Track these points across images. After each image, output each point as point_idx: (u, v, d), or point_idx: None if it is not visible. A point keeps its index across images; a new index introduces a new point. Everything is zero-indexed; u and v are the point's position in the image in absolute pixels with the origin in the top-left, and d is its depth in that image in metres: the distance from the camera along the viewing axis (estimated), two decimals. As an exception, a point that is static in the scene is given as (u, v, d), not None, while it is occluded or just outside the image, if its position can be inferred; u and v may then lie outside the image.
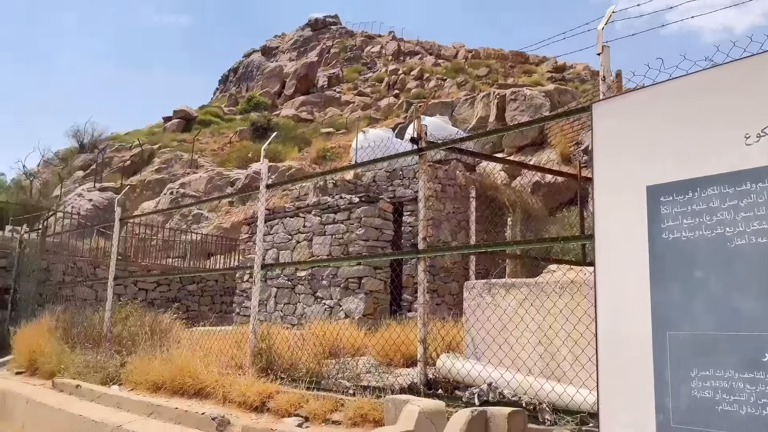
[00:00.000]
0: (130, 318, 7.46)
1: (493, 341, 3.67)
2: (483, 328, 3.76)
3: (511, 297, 3.75)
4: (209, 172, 25.98)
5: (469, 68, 43.36)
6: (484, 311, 3.83)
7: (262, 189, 6.05)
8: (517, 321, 3.61)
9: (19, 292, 9.87)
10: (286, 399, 4.68)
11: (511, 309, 3.67)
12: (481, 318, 3.84)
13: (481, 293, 4.07)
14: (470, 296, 4.22)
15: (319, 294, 10.20)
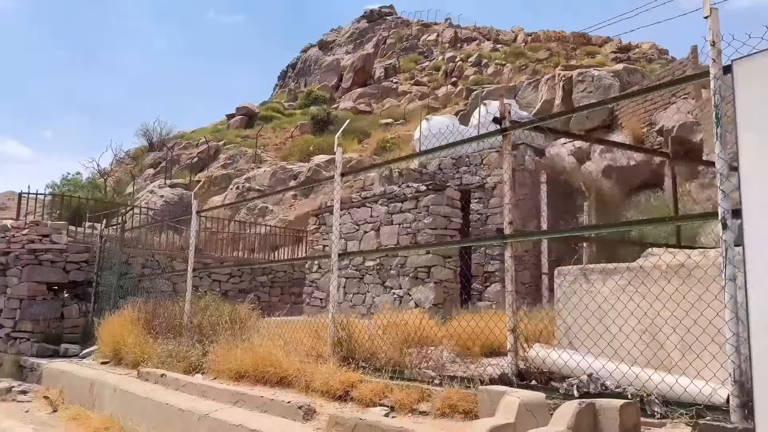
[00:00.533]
0: (210, 308, 7.61)
1: (593, 330, 3.44)
2: (581, 317, 3.54)
3: (612, 282, 3.51)
4: (273, 166, 26.40)
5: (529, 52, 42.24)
6: (582, 298, 3.61)
7: (337, 177, 5.97)
8: (620, 308, 3.37)
9: (101, 285, 10.28)
10: (370, 388, 4.60)
11: (612, 296, 3.44)
12: (578, 306, 3.62)
13: (576, 280, 3.84)
14: (563, 283, 4.00)
15: (388, 284, 10.13)
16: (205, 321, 7.48)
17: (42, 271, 9.73)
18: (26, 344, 9.51)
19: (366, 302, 10.43)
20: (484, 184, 10.50)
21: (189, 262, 7.67)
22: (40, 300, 9.70)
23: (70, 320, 10.01)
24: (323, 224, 11.57)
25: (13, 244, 9.75)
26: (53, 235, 9.88)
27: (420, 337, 6.06)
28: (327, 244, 11.45)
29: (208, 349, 6.72)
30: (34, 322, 9.57)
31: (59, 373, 8.20)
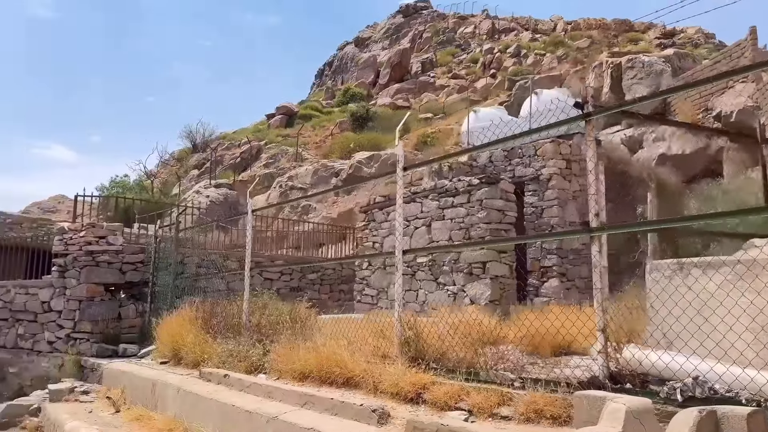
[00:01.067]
0: (269, 307, 7.53)
1: (699, 329, 3.15)
2: (685, 315, 3.25)
3: (720, 277, 3.21)
4: (314, 164, 26.44)
5: (569, 41, 41.29)
6: (684, 295, 3.31)
7: (399, 172, 5.78)
8: (730, 305, 3.07)
9: (157, 285, 10.36)
10: (444, 391, 4.40)
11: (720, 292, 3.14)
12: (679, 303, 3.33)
13: (672, 274, 3.55)
14: (656, 278, 3.71)
15: (441, 280, 9.90)
16: (264, 320, 7.40)
17: (99, 272, 9.85)
18: (86, 344, 9.64)
19: (418, 299, 10.23)
20: (538, 176, 10.15)
21: (246, 261, 7.60)
22: (98, 301, 9.82)
23: (128, 320, 10.12)
24: (372, 221, 11.41)
25: (71, 246, 9.90)
26: (109, 236, 9.99)
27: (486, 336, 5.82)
28: (377, 241, 11.30)
29: (269, 348, 6.63)
30: (93, 323, 9.70)
31: (120, 373, 8.26)
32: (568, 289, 9.84)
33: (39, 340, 10.09)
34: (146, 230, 12.38)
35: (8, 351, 10.32)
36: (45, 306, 10.12)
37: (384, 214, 11.16)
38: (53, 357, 9.82)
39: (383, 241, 11.12)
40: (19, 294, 10.43)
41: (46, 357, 9.91)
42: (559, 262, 9.80)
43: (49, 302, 10.07)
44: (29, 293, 10.32)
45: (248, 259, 7.61)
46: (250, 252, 7.72)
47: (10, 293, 10.56)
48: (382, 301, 10.85)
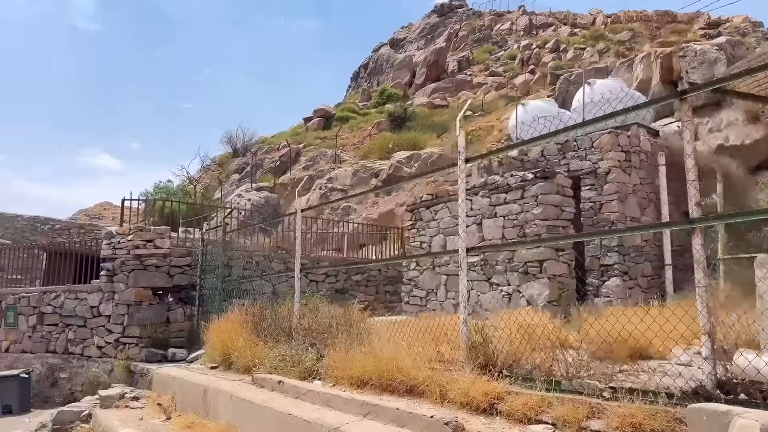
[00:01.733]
0: (320, 310, 7.24)
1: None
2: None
3: None
4: (353, 165, 26.25)
5: (610, 34, 40.18)
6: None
7: (461, 164, 5.38)
8: None
9: (204, 288, 10.22)
10: (522, 401, 4.00)
11: None
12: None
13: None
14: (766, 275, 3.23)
15: (495, 280, 9.46)
16: (315, 323, 7.11)
17: (147, 276, 9.76)
18: (134, 349, 9.55)
19: (470, 301, 9.80)
20: (595, 170, 9.60)
21: (296, 262, 7.33)
22: (146, 305, 9.72)
23: (176, 324, 10.00)
24: (419, 220, 11.03)
25: (119, 250, 9.84)
26: (156, 239, 9.89)
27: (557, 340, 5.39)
28: (424, 240, 10.92)
29: (323, 353, 6.33)
30: (142, 327, 9.60)
31: (170, 378, 8.10)
32: (630, 288, 9.27)
33: (88, 345, 10.06)
34: (191, 234, 12.31)
35: (59, 356, 10.33)
36: (94, 311, 10.09)
37: (431, 212, 10.77)
38: (103, 362, 9.77)
39: (431, 240, 10.73)
40: (68, 299, 10.44)
41: (95, 362, 9.87)
42: (621, 259, 9.24)
43: (98, 307, 10.03)
44: (78, 298, 10.31)
45: (298, 260, 7.34)
46: (300, 253, 7.44)
47: (59, 298, 10.57)
48: (431, 302, 10.47)
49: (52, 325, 10.58)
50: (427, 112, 32.44)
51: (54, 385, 10.20)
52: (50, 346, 10.53)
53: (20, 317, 11.04)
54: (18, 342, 10.97)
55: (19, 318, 11.04)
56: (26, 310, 10.95)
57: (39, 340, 10.66)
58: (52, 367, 10.28)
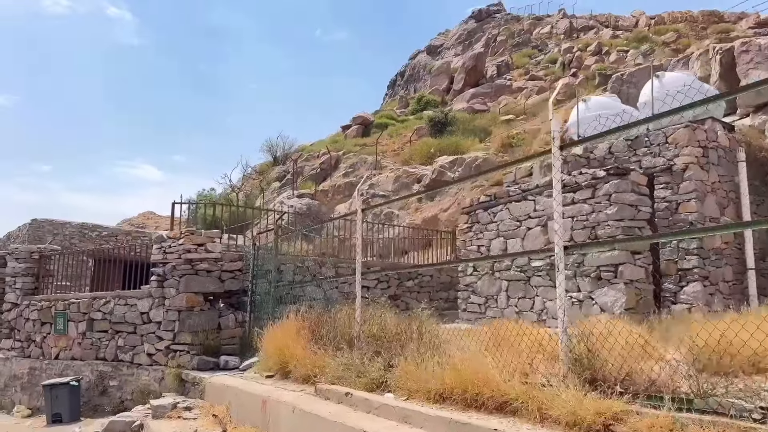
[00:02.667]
0: (385, 316, 6.72)
1: None
2: None
3: None
4: (395, 171, 25.81)
5: (654, 35, 38.99)
6: None
7: (555, 150, 4.79)
8: None
9: (256, 293, 9.83)
10: (648, 423, 3.37)
11: None
12: None
13: None
14: None
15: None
16: (380, 330, 6.59)
17: (198, 281, 9.40)
18: (186, 357, 9.18)
19: (535, 308, 9.15)
20: (670, 167, 8.84)
21: (357, 265, 6.83)
22: (197, 311, 9.36)
23: (227, 331, 9.61)
24: (476, 222, 10.42)
25: (169, 254, 9.52)
26: (207, 243, 9.54)
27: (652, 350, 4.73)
28: (482, 244, 10.30)
29: (392, 362, 5.80)
30: (193, 334, 9.23)
31: (224, 388, 7.68)
32: (711, 294, 8.48)
33: (138, 352, 9.75)
34: (234, 240, 11.99)
35: (108, 363, 10.05)
36: (144, 317, 9.78)
37: (490, 214, 10.15)
38: (153, 370, 9.44)
39: (490, 244, 10.11)
40: (118, 305, 10.17)
41: (146, 370, 9.54)
42: (700, 263, 8.45)
43: (148, 313, 9.72)
44: (128, 304, 10.03)
45: (359, 263, 6.83)
46: (361, 255, 6.94)
47: (109, 304, 10.31)
48: (490, 309, 9.83)
49: (102, 331, 10.31)
50: (468, 117, 31.81)
51: (104, 393, 9.92)
52: (100, 353, 10.27)
53: (70, 324, 10.83)
54: (68, 349, 10.76)
55: (68, 324, 10.83)
56: (76, 317, 10.74)
57: (88, 347, 10.42)
58: (102, 375, 10.01)
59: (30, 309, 11.76)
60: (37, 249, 12.25)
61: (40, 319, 11.44)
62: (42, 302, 11.52)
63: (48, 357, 11.10)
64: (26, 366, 11.24)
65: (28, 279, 12.05)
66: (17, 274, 12.07)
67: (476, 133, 27.68)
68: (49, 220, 18.03)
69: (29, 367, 11.18)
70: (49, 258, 12.31)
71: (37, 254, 12.13)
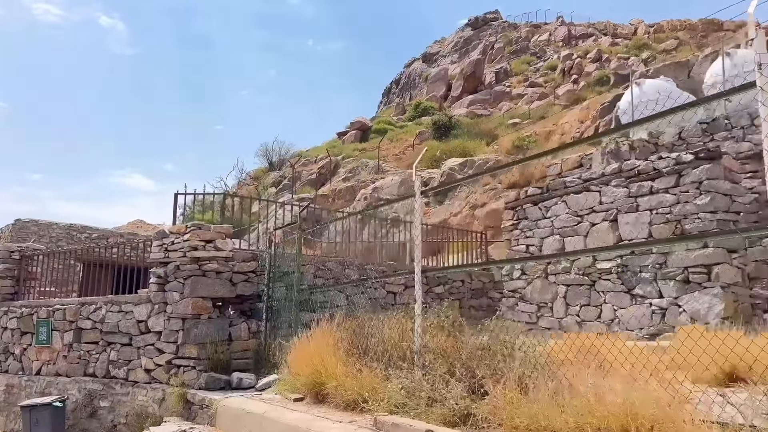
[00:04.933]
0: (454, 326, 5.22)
1: None
2: None
3: None
4: (400, 174, 24.40)
5: (653, 43, 38.22)
6: None
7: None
8: None
9: (272, 299, 8.29)
10: None
11: None
12: None
13: None
14: None
15: (639, 291, 7.34)
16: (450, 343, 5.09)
17: (207, 284, 7.82)
18: (191, 373, 7.57)
19: (602, 316, 7.69)
20: (759, 152, 7.50)
21: (416, 264, 5.32)
22: (205, 319, 7.77)
23: (239, 342, 8.02)
24: (523, 219, 8.98)
25: (172, 252, 7.94)
26: (217, 240, 7.98)
27: None
28: (532, 243, 8.85)
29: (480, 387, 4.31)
30: (200, 346, 7.63)
31: (242, 414, 6.09)
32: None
33: (134, 367, 8.12)
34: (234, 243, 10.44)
35: (99, 381, 8.40)
36: (141, 326, 8.17)
37: (541, 209, 8.72)
38: (152, 388, 7.81)
39: (542, 243, 8.66)
40: (111, 312, 8.54)
41: (143, 388, 7.91)
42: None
43: (146, 321, 8.11)
44: (122, 311, 8.41)
45: (419, 258, 5.33)
46: (420, 252, 5.43)
47: (100, 311, 8.68)
48: (544, 319, 8.36)
49: (92, 343, 8.66)
50: (471, 121, 30.59)
51: (93, 416, 8.26)
52: (89, 368, 8.61)
53: (54, 333, 9.17)
54: (51, 362, 9.09)
55: (53, 334, 9.16)
56: (61, 325, 9.08)
57: (76, 361, 8.76)
58: (91, 394, 8.35)
59: (8, 316, 10.07)
60: (17, 248, 10.55)
61: (20, 328, 9.75)
62: (22, 309, 9.84)
63: (28, 372, 9.41)
64: (2, 382, 9.53)
65: (6, 282, 10.35)
66: (-6, 276, 10.38)
67: (481, 137, 26.43)
68: (34, 220, 16.29)
69: (6, 384, 9.47)
70: (32, 259, 10.63)
71: (17, 254, 10.44)
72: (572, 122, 20.87)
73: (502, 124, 27.66)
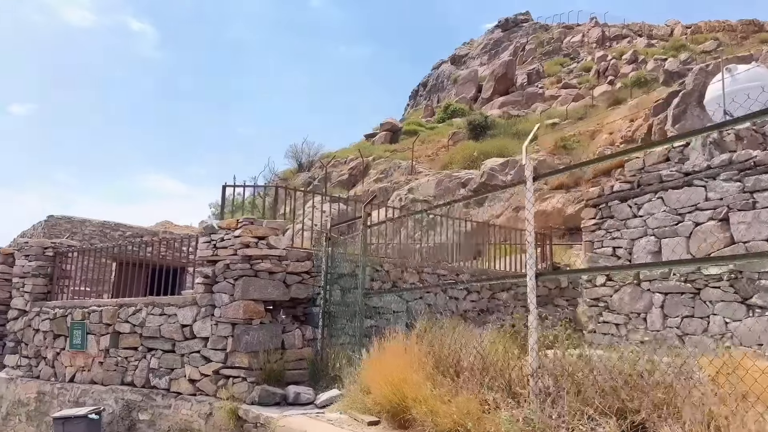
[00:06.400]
0: (573, 341, 4.22)
1: None
2: None
3: None
4: (436, 175, 23.40)
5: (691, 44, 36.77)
6: None
7: None
8: None
9: (329, 303, 7.34)
10: None
11: None
12: None
13: None
14: None
15: (757, 300, 6.23)
16: (574, 365, 4.08)
17: (259, 286, 6.90)
18: (241, 385, 6.65)
19: (711, 330, 6.58)
20: None
21: (528, 262, 4.32)
22: (257, 324, 6.85)
23: (293, 351, 7.07)
24: (609, 217, 7.90)
25: (221, 249, 7.04)
26: (270, 237, 7.06)
27: None
28: (620, 245, 7.77)
29: (641, 427, 3.30)
30: (251, 355, 6.71)
31: (309, 438, 5.15)
32: None
33: (178, 377, 7.23)
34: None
35: (137, 391, 7.52)
36: (186, 331, 7.27)
37: (632, 207, 7.64)
38: (197, 401, 6.90)
39: (632, 245, 7.58)
40: (152, 315, 7.67)
41: (187, 401, 7.01)
42: None
43: (191, 326, 7.22)
44: (165, 314, 7.53)
45: (532, 258, 4.32)
46: (533, 243, 4.42)
47: (140, 314, 7.82)
48: (635, 332, 7.26)
49: (130, 348, 7.80)
50: (507, 121, 29.50)
51: (131, 430, 7.37)
52: (127, 377, 7.75)
53: (89, 337, 8.34)
54: (86, 369, 8.25)
55: (87, 338, 8.33)
56: (97, 329, 8.24)
57: (112, 368, 7.90)
58: (129, 405, 7.48)
59: (41, 318, 9.28)
60: (51, 244, 9.77)
61: (53, 330, 8.95)
62: (55, 309, 9.04)
63: (61, 379, 8.59)
64: (34, 389, 8.72)
65: (39, 281, 9.56)
66: (26, 274, 9.59)
67: (519, 137, 25.31)
68: (67, 217, 15.63)
69: (37, 391, 8.66)
70: (66, 256, 9.84)
71: (51, 250, 9.65)
72: (619, 121, 19.66)
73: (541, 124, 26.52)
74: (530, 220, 4.38)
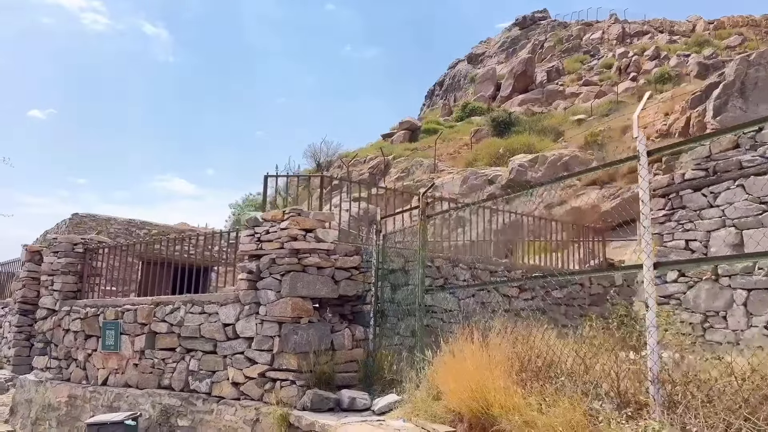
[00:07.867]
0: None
1: None
2: None
3: None
4: (461, 172, 22.76)
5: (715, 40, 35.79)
6: None
7: None
8: None
9: (381, 301, 6.76)
10: None
11: None
12: None
13: None
14: None
15: None
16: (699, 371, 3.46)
17: (307, 282, 6.32)
18: (290, 389, 6.07)
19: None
20: None
21: (645, 251, 3.69)
22: (305, 323, 6.27)
23: (343, 352, 6.49)
24: (681, 208, 7.24)
25: (267, 243, 6.48)
26: (318, 229, 6.49)
27: None
28: (693, 238, 7.11)
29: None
30: (300, 356, 6.13)
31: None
32: None
33: (220, 380, 6.67)
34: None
35: (176, 395, 6.97)
36: (228, 330, 6.72)
37: (707, 196, 6.98)
38: (242, 407, 6.34)
39: (708, 237, 6.91)
40: (190, 314, 7.12)
41: (230, 406, 6.45)
42: None
43: (233, 325, 6.66)
44: (205, 312, 6.98)
45: (649, 245, 3.69)
46: (649, 238, 3.79)
47: (178, 312, 7.28)
48: (714, 332, 6.59)
49: (168, 350, 7.25)
50: (531, 118, 28.78)
51: (170, 437, 6.84)
52: (164, 380, 7.20)
53: (123, 338, 7.81)
54: (120, 371, 7.72)
55: (121, 339, 7.81)
56: (131, 329, 7.71)
57: (148, 370, 7.36)
58: (167, 410, 6.93)
59: (71, 317, 8.78)
60: (81, 240, 9.28)
61: (84, 330, 8.44)
62: (86, 308, 8.53)
63: (93, 381, 8.08)
64: (65, 393, 8.21)
65: (69, 278, 9.07)
66: (55, 271, 9.10)
67: (545, 133, 24.61)
68: (92, 215, 15.23)
69: (68, 395, 8.15)
70: (96, 253, 9.34)
71: (80, 247, 9.16)
72: (652, 115, 18.89)
73: (566, 120, 25.79)
74: (645, 201, 3.75)
